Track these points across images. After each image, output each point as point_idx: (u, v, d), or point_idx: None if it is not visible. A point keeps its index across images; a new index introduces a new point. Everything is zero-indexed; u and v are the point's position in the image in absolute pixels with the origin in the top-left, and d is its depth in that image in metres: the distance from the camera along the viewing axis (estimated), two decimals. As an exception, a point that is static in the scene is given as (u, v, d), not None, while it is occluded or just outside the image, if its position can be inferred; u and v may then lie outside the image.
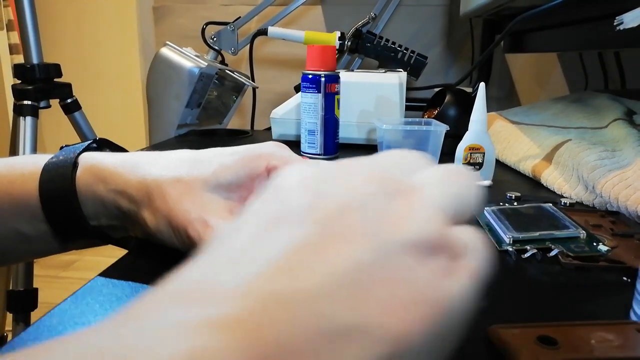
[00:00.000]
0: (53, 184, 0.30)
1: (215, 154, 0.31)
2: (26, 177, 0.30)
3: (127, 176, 0.30)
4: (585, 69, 0.94)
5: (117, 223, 0.32)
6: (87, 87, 1.62)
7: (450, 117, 0.69)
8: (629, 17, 0.42)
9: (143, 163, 0.31)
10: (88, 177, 0.30)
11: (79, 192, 0.30)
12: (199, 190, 0.29)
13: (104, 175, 0.30)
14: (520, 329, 0.22)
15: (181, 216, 0.28)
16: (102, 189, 0.30)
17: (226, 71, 0.97)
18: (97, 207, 0.31)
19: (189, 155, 0.32)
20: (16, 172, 0.31)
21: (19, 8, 0.87)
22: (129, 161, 0.31)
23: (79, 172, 0.30)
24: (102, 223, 0.32)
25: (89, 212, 0.31)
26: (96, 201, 0.31)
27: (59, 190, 0.30)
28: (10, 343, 0.23)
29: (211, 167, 0.30)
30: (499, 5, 0.74)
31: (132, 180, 0.30)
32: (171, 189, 0.29)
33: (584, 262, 0.32)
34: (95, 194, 0.30)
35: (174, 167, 0.30)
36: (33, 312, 0.91)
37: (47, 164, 0.31)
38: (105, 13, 1.68)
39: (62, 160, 0.31)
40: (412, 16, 1.27)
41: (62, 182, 0.30)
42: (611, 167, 0.43)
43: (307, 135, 0.66)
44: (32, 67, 0.89)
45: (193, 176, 0.30)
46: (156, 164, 0.30)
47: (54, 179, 0.30)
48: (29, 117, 0.88)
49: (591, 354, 0.20)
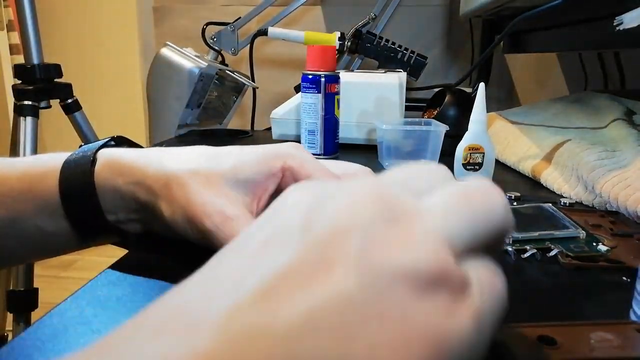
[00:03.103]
0: (73, 180, 0.31)
1: (234, 151, 0.32)
2: (46, 175, 0.31)
3: (145, 168, 0.30)
4: (585, 69, 0.94)
5: (134, 217, 0.32)
6: (87, 87, 1.62)
7: (450, 117, 0.69)
8: (628, 17, 0.42)
9: (162, 156, 0.31)
10: (107, 171, 0.31)
11: (97, 187, 0.31)
12: (218, 184, 0.29)
13: (123, 168, 0.31)
14: (519, 329, 0.22)
15: (199, 207, 0.28)
16: (121, 182, 0.31)
17: (226, 71, 0.97)
18: (116, 201, 0.31)
19: (208, 150, 0.32)
20: (36, 170, 0.31)
21: (19, 8, 0.87)
22: (148, 155, 0.31)
23: (97, 167, 0.31)
24: (120, 218, 0.32)
25: (107, 207, 0.31)
26: (115, 195, 0.31)
27: (79, 186, 0.30)
28: (11, 343, 0.23)
29: (230, 162, 0.30)
30: (499, 6, 0.74)
31: (151, 171, 0.30)
32: (190, 181, 0.29)
33: (583, 262, 0.32)
34: (114, 188, 0.31)
35: (194, 160, 0.30)
36: (33, 312, 0.91)
37: (66, 160, 0.32)
38: (105, 13, 1.69)
39: (81, 156, 0.31)
40: (412, 16, 1.27)
41: (82, 177, 0.31)
42: (611, 167, 0.43)
43: (307, 135, 0.66)
44: (33, 67, 0.89)
45: (212, 170, 0.30)
46: (176, 158, 0.31)
47: (74, 174, 0.31)
48: (30, 117, 0.88)
49: (591, 354, 0.20)
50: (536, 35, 0.82)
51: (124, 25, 1.65)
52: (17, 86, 0.90)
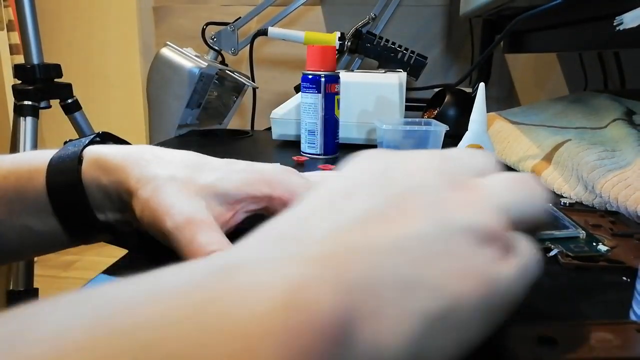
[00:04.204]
0: (60, 178, 0.30)
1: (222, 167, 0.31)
2: (33, 172, 0.31)
3: (130, 169, 0.30)
4: (585, 69, 0.94)
5: (121, 216, 0.32)
6: (87, 87, 1.62)
7: (450, 117, 0.69)
8: (629, 17, 0.42)
9: (146, 158, 0.31)
10: (93, 169, 0.31)
11: (85, 185, 0.31)
12: (192, 192, 0.29)
13: (108, 167, 0.31)
14: (519, 329, 0.22)
15: (164, 208, 0.28)
16: (106, 181, 0.30)
17: (226, 71, 0.97)
18: (103, 199, 0.31)
19: (194, 159, 0.32)
20: (23, 168, 0.31)
21: (19, 8, 0.87)
22: (133, 155, 0.31)
23: (84, 165, 0.31)
24: (109, 216, 0.32)
25: (95, 204, 0.31)
26: (101, 193, 0.31)
27: (66, 184, 0.30)
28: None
29: (212, 178, 0.30)
30: (499, 6, 0.74)
31: (134, 173, 0.30)
32: (165, 184, 0.29)
33: (583, 262, 0.32)
34: (100, 186, 0.31)
35: (175, 167, 0.30)
36: (33, 312, 0.91)
37: (52, 158, 0.31)
38: (105, 13, 1.68)
39: (67, 154, 0.31)
40: (412, 16, 1.27)
41: (69, 175, 0.30)
42: (611, 167, 0.43)
43: (307, 135, 0.66)
44: (33, 67, 0.89)
45: (191, 180, 0.30)
46: (159, 162, 0.31)
47: (61, 172, 0.31)
48: (30, 117, 0.88)
49: (591, 354, 0.20)
50: (536, 35, 0.82)
51: (124, 25, 1.65)
52: (17, 86, 0.90)
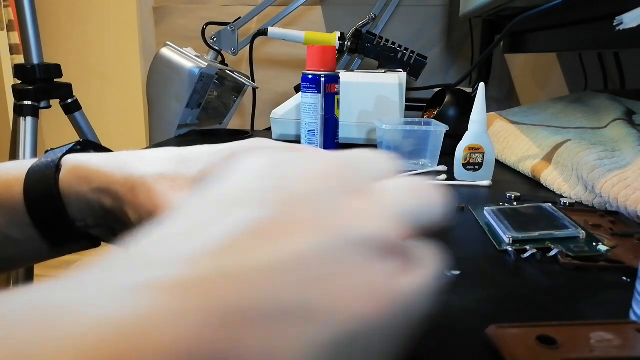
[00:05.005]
0: (37, 187, 0.30)
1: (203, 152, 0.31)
2: (11, 182, 0.30)
3: (111, 174, 0.30)
4: (585, 69, 0.94)
5: (102, 223, 0.32)
6: (87, 87, 1.62)
7: (450, 117, 0.69)
8: (628, 17, 0.42)
9: (128, 161, 0.30)
10: (71, 178, 0.30)
11: (63, 194, 0.30)
12: (185, 188, 0.29)
13: (88, 175, 0.30)
14: (519, 329, 0.22)
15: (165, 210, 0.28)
16: (86, 189, 0.30)
17: (226, 71, 0.97)
18: (82, 208, 0.31)
19: (176, 152, 0.31)
20: (1, 178, 0.31)
21: (19, 8, 0.87)
22: (114, 160, 0.31)
23: (62, 174, 0.30)
24: (89, 224, 0.32)
25: (74, 214, 0.31)
26: (81, 202, 0.30)
27: (44, 193, 0.30)
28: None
29: (199, 165, 0.30)
30: (499, 6, 0.74)
31: (117, 177, 0.29)
32: (156, 184, 0.29)
33: (583, 262, 0.32)
34: (79, 195, 0.30)
35: (160, 164, 0.30)
36: (33, 312, 0.91)
37: (31, 167, 0.31)
38: (105, 13, 1.68)
39: (45, 163, 0.31)
40: (412, 16, 1.27)
41: (46, 184, 0.30)
42: (611, 167, 0.43)
43: (307, 135, 0.66)
44: (33, 67, 0.89)
45: (179, 173, 0.29)
46: (142, 161, 0.30)
47: (38, 182, 0.30)
48: (30, 117, 0.88)
49: (591, 353, 0.20)
50: (536, 36, 0.82)
51: (124, 25, 1.65)
52: (17, 86, 0.90)
